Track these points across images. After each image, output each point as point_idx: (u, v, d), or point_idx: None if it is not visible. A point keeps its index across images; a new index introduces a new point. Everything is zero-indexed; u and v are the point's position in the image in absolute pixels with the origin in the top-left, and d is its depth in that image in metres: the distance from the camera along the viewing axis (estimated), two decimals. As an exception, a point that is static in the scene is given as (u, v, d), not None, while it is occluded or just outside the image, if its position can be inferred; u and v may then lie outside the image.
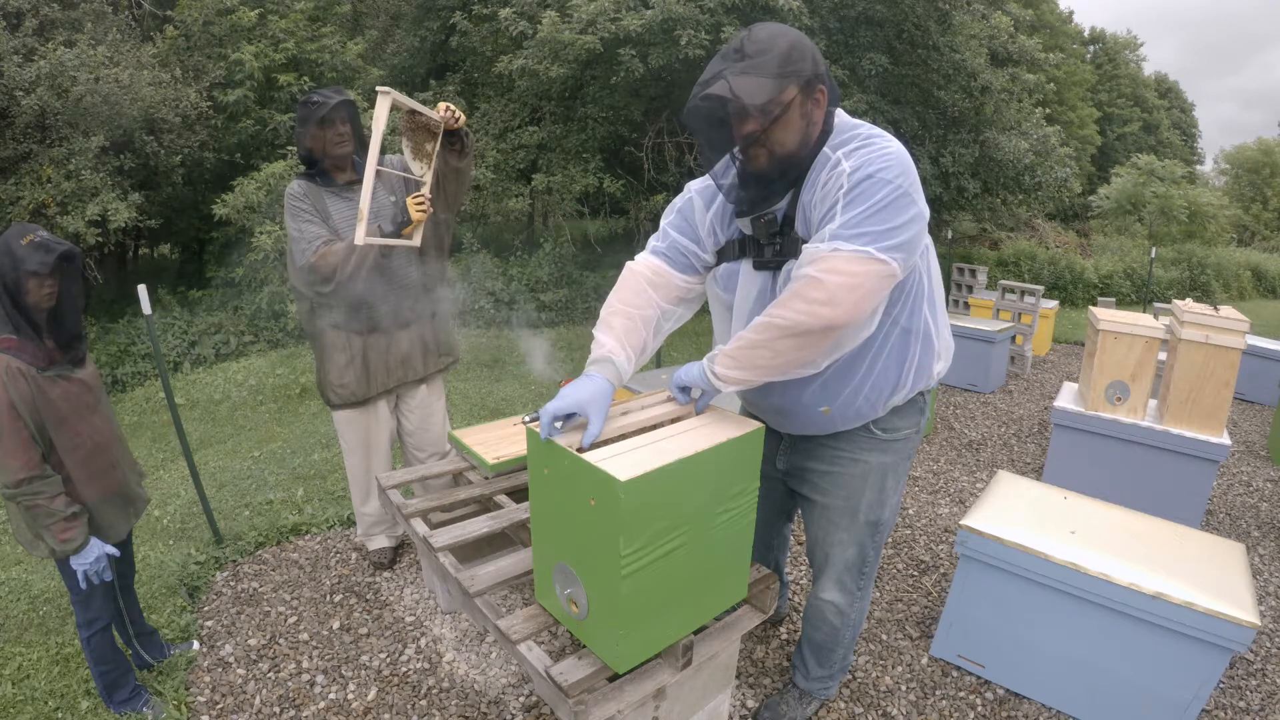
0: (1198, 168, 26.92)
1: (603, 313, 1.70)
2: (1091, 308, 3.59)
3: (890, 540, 3.17)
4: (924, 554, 3.07)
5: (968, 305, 6.76)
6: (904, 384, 1.67)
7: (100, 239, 6.73)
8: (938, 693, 2.27)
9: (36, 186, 6.47)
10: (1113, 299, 8.51)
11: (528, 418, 2.24)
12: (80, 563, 1.85)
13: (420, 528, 2.08)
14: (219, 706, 2.19)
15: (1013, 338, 6.04)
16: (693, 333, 7.82)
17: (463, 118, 2.37)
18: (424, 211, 2.38)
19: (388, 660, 2.38)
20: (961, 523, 2.24)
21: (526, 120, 8.49)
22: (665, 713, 1.71)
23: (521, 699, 2.20)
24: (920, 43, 8.20)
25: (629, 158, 8.72)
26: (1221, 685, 2.32)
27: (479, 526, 2.06)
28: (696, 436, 1.53)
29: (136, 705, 2.10)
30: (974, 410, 5.14)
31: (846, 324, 1.38)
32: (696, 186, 1.74)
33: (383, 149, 2.29)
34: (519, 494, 2.35)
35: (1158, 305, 6.38)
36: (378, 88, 2.08)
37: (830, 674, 2.10)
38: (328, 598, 2.72)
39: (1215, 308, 3.20)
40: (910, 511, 3.48)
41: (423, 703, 2.20)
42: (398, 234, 2.42)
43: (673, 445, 1.48)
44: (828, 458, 1.79)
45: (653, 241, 1.80)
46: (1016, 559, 2.14)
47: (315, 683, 2.29)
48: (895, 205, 1.38)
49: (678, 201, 1.77)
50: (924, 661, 2.41)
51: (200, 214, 8.22)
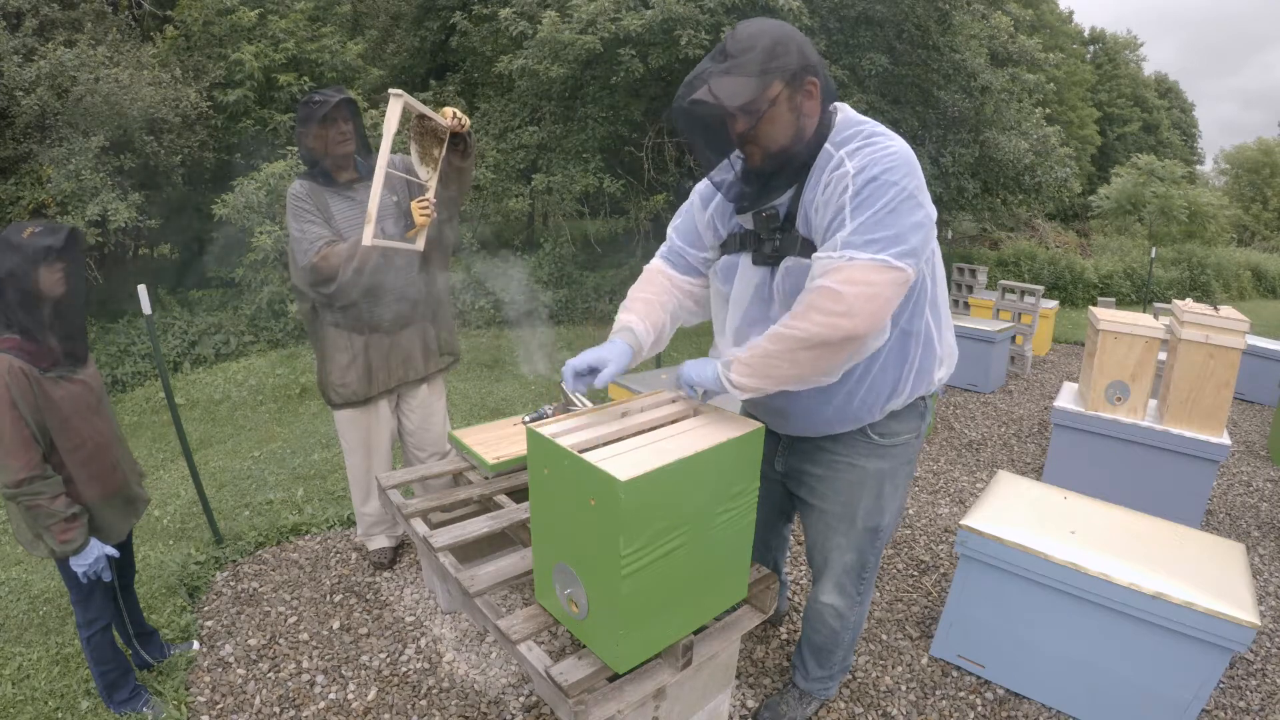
0: (1198, 168, 26.91)
1: (624, 302, 1.78)
2: (1091, 308, 3.59)
3: (890, 540, 3.17)
4: (924, 554, 3.07)
5: (968, 305, 6.76)
6: (902, 388, 1.64)
7: (100, 239, 6.73)
8: (938, 693, 2.27)
9: (36, 186, 6.47)
10: (1113, 299, 8.50)
11: (528, 418, 2.24)
12: (80, 564, 1.85)
13: (420, 528, 2.08)
14: (219, 706, 2.19)
15: (1013, 338, 6.04)
16: (693, 333, 7.82)
17: (467, 122, 2.39)
18: (428, 215, 2.39)
19: (388, 660, 2.38)
20: (961, 523, 2.24)
21: (526, 120, 8.49)
22: (665, 713, 1.71)
23: (521, 699, 2.20)
24: (920, 43, 8.20)
25: (629, 158, 8.71)
26: (1221, 685, 2.32)
27: (479, 526, 2.06)
28: (696, 436, 1.53)
29: (136, 705, 2.10)
30: (974, 410, 5.14)
31: (866, 334, 1.37)
32: (699, 186, 1.76)
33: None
34: (519, 494, 2.35)
35: (1158, 305, 6.38)
36: (390, 91, 2.09)
37: (830, 674, 2.10)
38: (328, 598, 2.72)
39: (1215, 308, 3.20)
40: (910, 511, 3.48)
41: (423, 703, 2.20)
42: (401, 236, 2.43)
43: (673, 445, 1.48)
44: (825, 462, 1.78)
45: (662, 246, 1.86)
46: (1016, 559, 2.14)
47: (315, 683, 2.29)
48: (903, 208, 1.36)
49: (683, 205, 1.81)
50: (924, 661, 2.41)
51: (200, 214, 8.22)
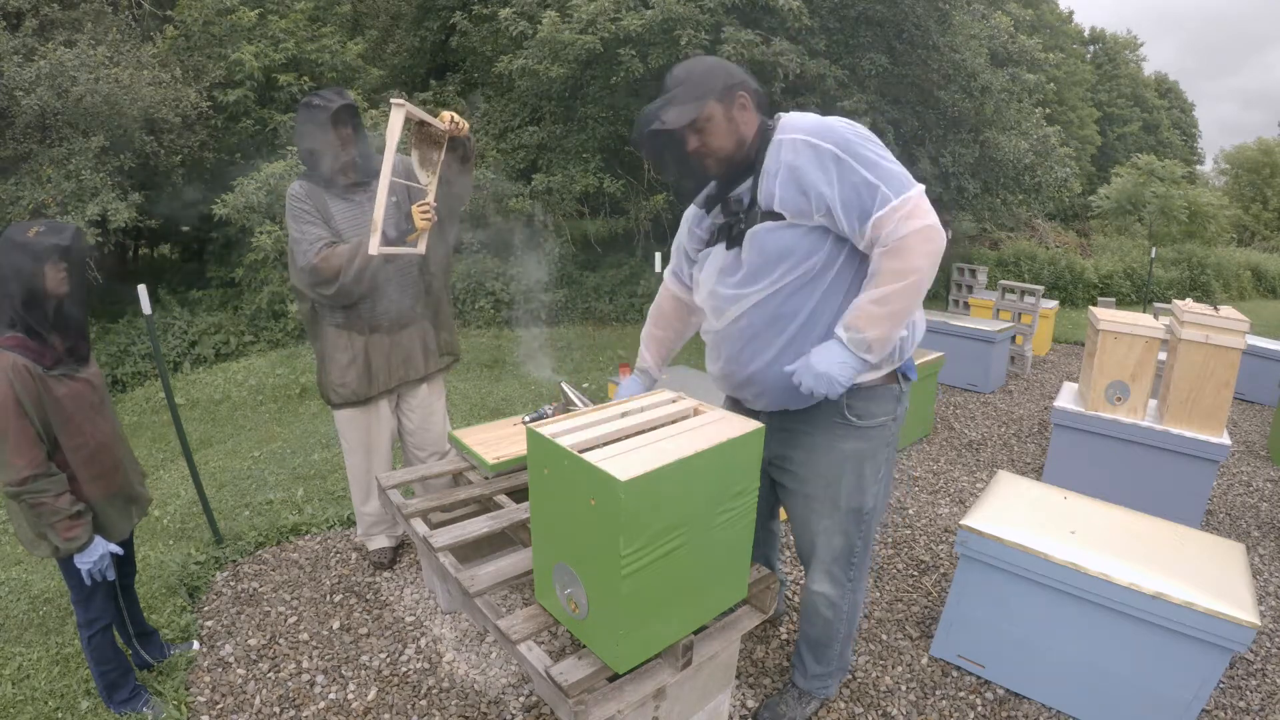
0: (1198, 168, 26.89)
1: (643, 333, 2.18)
2: (1091, 308, 3.59)
3: (890, 540, 3.17)
4: (924, 554, 3.07)
5: (968, 305, 6.76)
6: None
7: (100, 239, 6.73)
8: (938, 693, 2.27)
9: (36, 186, 6.47)
10: (1113, 299, 8.50)
11: (528, 418, 2.24)
12: (84, 561, 1.85)
13: (420, 528, 2.08)
14: (219, 706, 2.19)
15: (1013, 338, 6.04)
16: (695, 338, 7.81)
17: (465, 126, 2.40)
18: (429, 220, 2.40)
19: (388, 660, 2.38)
20: (961, 523, 2.24)
21: (526, 120, 8.49)
22: (665, 713, 1.71)
23: (521, 699, 2.20)
24: (920, 43, 8.20)
25: (629, 158, 8.71)
26: (1221, 685, 2.32)
27: (479, 526, 2.06)
28: (696, 436, 1.53)
29: (136, 705, 2.10)
30: (974, 410, 5.14)
31: (943, 245, 1.60)
32: (690, 210, 1.96)
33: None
34: (519, 494, 2.35)
35: (1158, 305, 6.38)
36: (392, 100, 2.11)
37: (829, 672, 2.10)
38: (328, 598, 2.72)
39: (1215, 308, 3.20)
40: (910, 511, 3.48)
41: (423, 703, 2.20)
42: (402, 240, 2.44)
43: (673, 445, 1.48)
44: (805, 445, 1.85)
45: (669, 266, 2.12)
46: (1016, 559, 2.14)
47: (315, 683, 2.29)
48: (880, 146, 1.62)
49: (678, 235, 2.03)
50: (924, 661, 2.41)
51: (200, 214, 8.22)
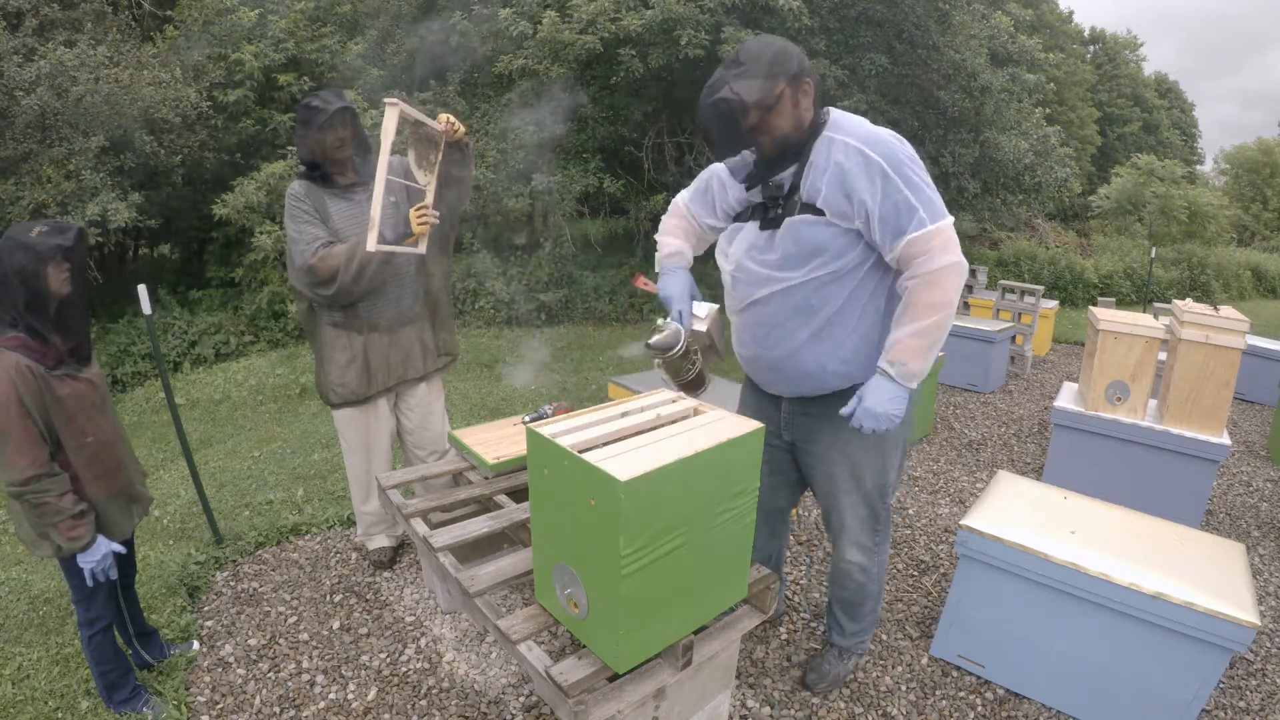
0: (1198, 168, 26.90)
1: (661, 225, 2.10)
2: (1091, 308, 3.59)
3: (890, 540, 3.17)
4: (924, 554, 3.07)
5: (968, 305, 6.75)
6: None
7: (100, 239, 6.73)
8: (938, 693, 2.27)
9: (36, 186, 6.47)
10: (1113, 299, 8.49)
11: (528, 418, 2.25)
12: (88, 560, 1.85)
13: (420, 528, 2.09)
14: (219, 706, 2.19)
15: (1013, 338, 6.04)
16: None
17: (462, 129, 2.42)
18: (426, 224, 2.41)
19: (388, 660, 2.38)
20: (961, 523, 2.24)
21: (527, 120, 8.48)
22: (665, 713, 1.71)
23: (521, 699, 2.20)
24: (920, 43, 8.20)
25: (629, 158, 8.71)
26: (1221, 685, 2.32)
27: (479, 526, 2.06)
28: (696, 436, 1.54)
29: (136, 705, 2.10)
30: (974, 410, 5.14)
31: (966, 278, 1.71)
32: (718, 168, 1.97)
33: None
34: (519, 494, 2.35)
35: (1158, 305, 6.37)
36: (385, 100, 2.12)
37: (863, 628, 2.22)
38: (328, 598, 2.72)
39: (1215, 308, 3.20)
40: (910, 511, 3.48)
41: (423, 703, 2.20)
42: (400, 241, 2.44)
43: (673, 445, 1.49)
44: (829, 428, 1.93)
45: (681, 196, 2.10)
46: (1016, 559, 2.14)
47: (315, 683, 2.29)
48: (924, 171, 1.69)
49: (700, 178, 2.04)
50: (924, 661, 2.41)
51: (200, 214, 8.22)
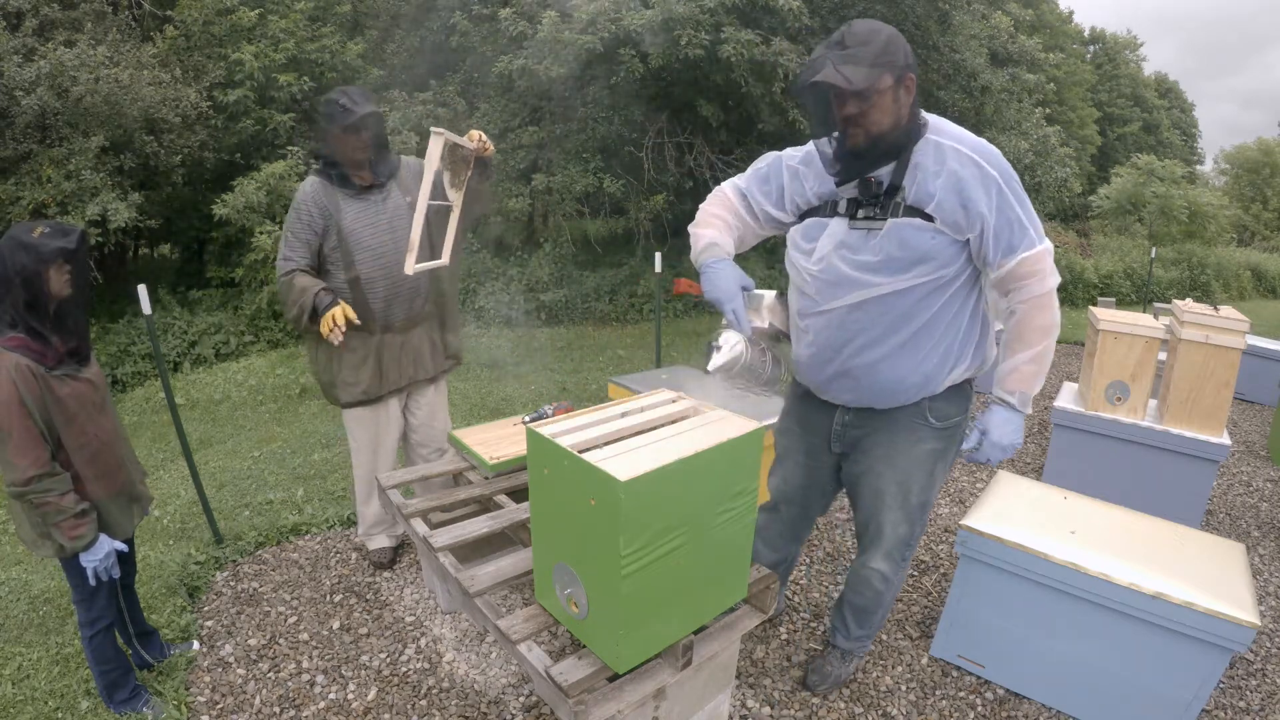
0: (1198, 168, 26.90)
1: (700, 218, 1.92)
2: (1091, 308, 3.59)
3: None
4: (924, 554, 3.07)
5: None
6: (963, 360, 1.81)
7: (100, 239, 6.73)
8: (938, 693, 2.27)
9: (36, 186, 6.47)
10: (1113, 299, 8.48)
11: (528, 418, 2.24)
12: (90, 559, 1.85)
13: (420, 528, 2.08)
14: (219, 706, 2.19)
15: (1013, 338, 6.02)
16: (693, 333, 7.82)
17: (491, 147, 2.44)
18: (329, 336, 2.36)
19: (388, 660, 2.38)
20: (961, 523, 2.24)
21: (526, 120, 8.49)
22: (665, 713, 1.71)
23: (521, 699, 2.20)
24: (920, 43, 8.21)
25: (629, 158, 8.71)
26: (1221, 685, 2.32)
27: (479, 526, 2.06)
28: (696, 436, 1.53)
29: (136, 705, 2.10)
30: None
31: None
32: (799, 157, 1.85)
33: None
34: (519, 494, 2.35)
35: (1158, 305, 6.36)
36: (432, 129, 2.17)
37: (868, 633, 2.21)
38: (328, 598, 2.72)
39: (1215, 308, 3.20)
40: (910, 511, 3.48)
41: (423, 703, 2.20)
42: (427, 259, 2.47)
43: (673, 445, 1.48)
44: (885, 442, 1.89)
45: (732, 184, 1.96)
46: (1016, 559, 2.14)
47: (315, 683, 2.29)
48: (1028, 197, 1.66)
49: (765, 165, 1.91)
50: (924, 661, 2.41)
51: (200, 214, 8.22)
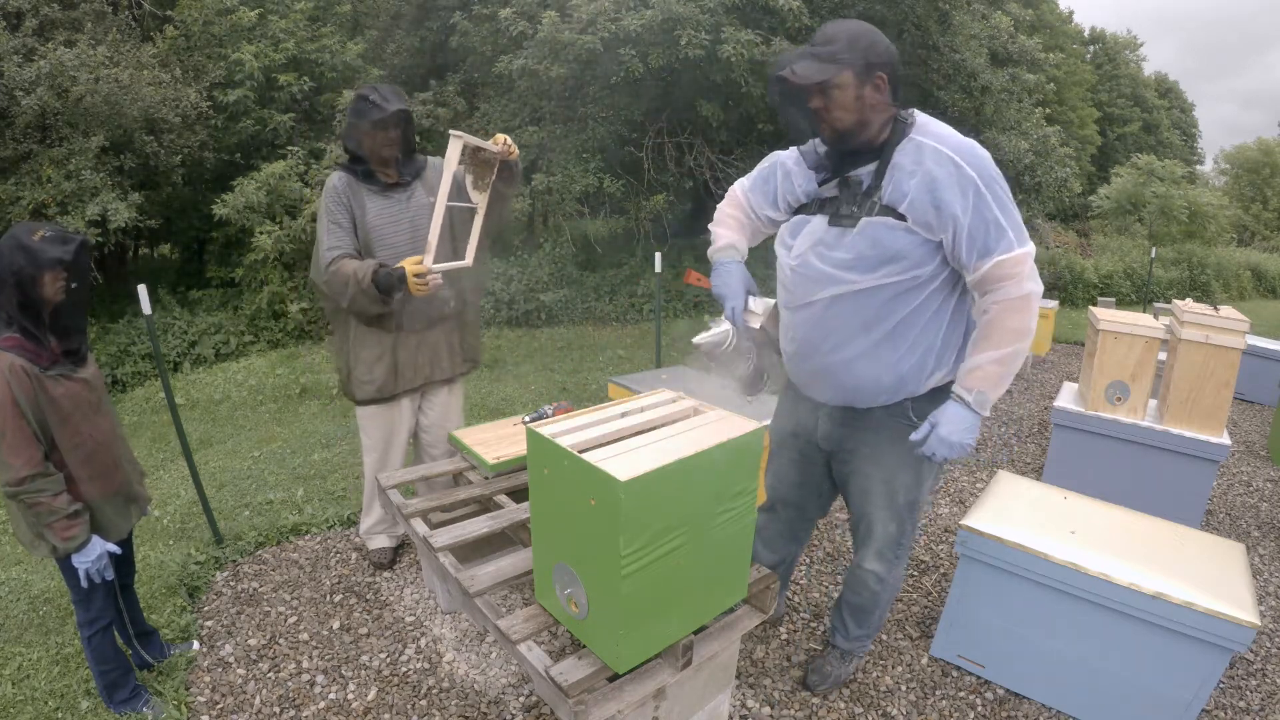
0: (1198, 168, 26.91)
1: (716, 216, 2.02)
2: (1091, 308, 3.59)
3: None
4: (924, 554, 3.07)
5: (968, 305, 6.74)
6: (945, 362, 1.79)
7: (100, 239, 6.74)
8: (938, 693, 2.27)
9: (36, 186, 6.47)
10: (1113, 299, 8.50)
11: (528, 418, 2.24)
12: (82, 561, 1.85)
13: (420, 528, 2.08)
14: (219, 706, 2.19)
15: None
16: (693, 333, 7.80)
17: (515, 150, 2.43)
18: (422, 292, 2.35)
19: (388, 660, 2.38)
20: (961, 523, 2.24)
21: (526, 120, 8.49)
22: (665, 713, 1.71)
23: (521, 699, 2.20)
24: (920, 43, 8.21)
25: (629, 158, 8.71)
26: (1221, 685, 2.32)
27: (479, 526, 2.06)
28: (696, 436, 1.53)
29: (136, 705, 2.10)
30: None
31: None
32: (795, 156, 1.89)
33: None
34: (519, 494, 2.35)
35: (1158, 305, 6.38)
36: (451, 132, 2.19)
37: (867, 633, 2.21)
38: (328, 598, 2.72)
39: (1215, 308, 3.20)
40: (910, 511, 3.47)
41: (423, 703, 2.20)
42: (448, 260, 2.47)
43: (673, 445, 1.48)
44: (869, 441, 1.90)
45: (740, 184, 2.02)
46: (1016, 559, 2.14)
47: (315, 683, 2.29)
48: (1009, 190, 1.64)
49: (761, 168, 1.96)
50: (924, 661, 2.41)
51: (200, 214, 8.23)
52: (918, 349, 1.75)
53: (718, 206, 2.02)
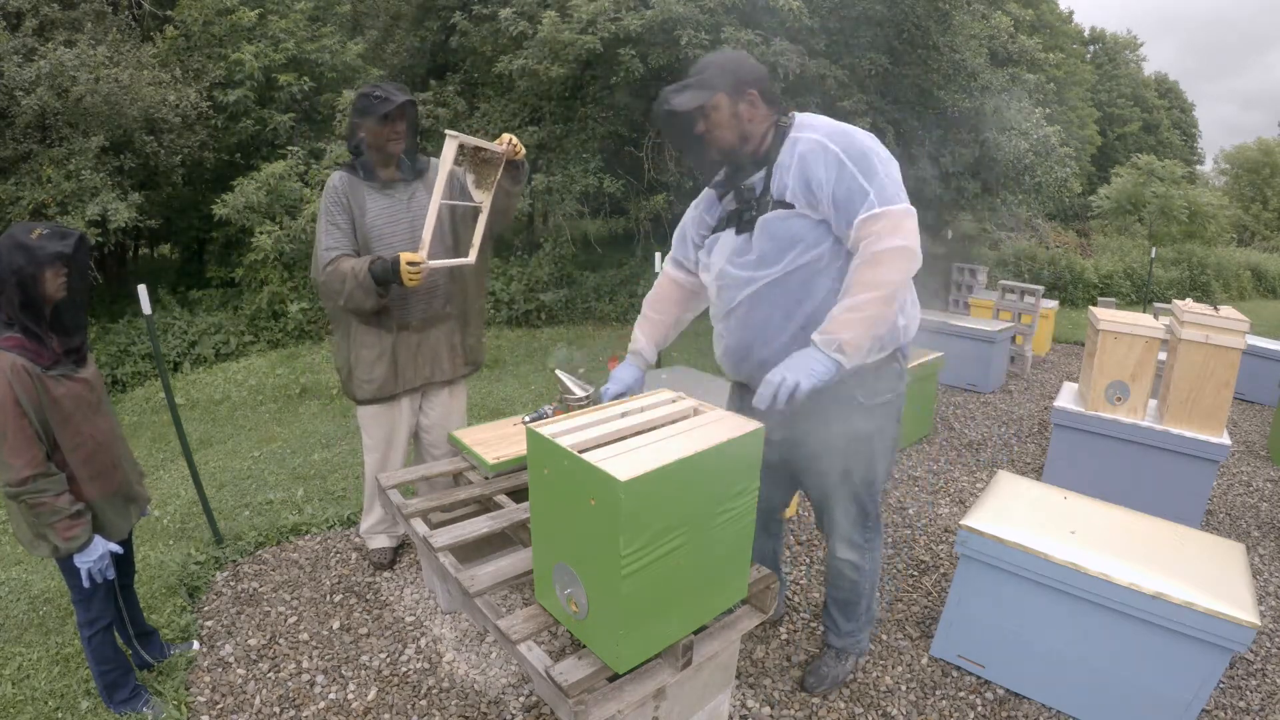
0: (1198, 168, 26.89)
1: (639, 318, 2.24)
2: (1091, 308, 3.59)
3: (890, 540, 3.17)
4: (924, 554, 3.07)
5: (968, 305, 6.76)
6: None
7: (100, 239, 6.74)
8: (938, 693, 2.27)
9: (36, 186, 6.47)
10: (1113, 299, 8.50)
11: (528, 418, 2.25)
12: (84, 560, 1.85)
13: (420, 528, 2.08)
14: (219, 706, 2.19)
15: (1013, 338, 6.03)
16: (691, 333, 7.81)
17: (521, 149, 2.44)
18: (414, 281, 2.34)
19: (388, 660, 2.38)
20: (961, 523, 2.24)
21: (526, 120, 8.48)
22: (665, 713, 1.71)
23: (521, 699, 2.20)
24: (920, 43, 8.19)
25: (629, 158, 8.71)
26: (1221, 685, 2.32)
27: (479, 526, 2.06)
28: (696, 436, 1.53)
29: (136, 705, 2.10)
30: (974, 410, 5.13)
31: (918, 264, 1.70)
32: (699, 198, 2.05)
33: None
34: (519, 494, 2.35)
35: (1158, 305, 6.37)
36: (447, 132, 2.22)
37: (859, 627, 2.23)
38: (328, 598, 2.72)
39: (1215, 308, 3.20)
40: (910, 511, 3.48)
41: (423, 703, 2.20)
42: (447, 256, 2.49)
43: (673, 445, 1.48)
44: (818, 426, 1.93)
45: (671, 254, 2.21)
46: (1016, 559, 2.14)
47: (315, 683, 2.29)
48: (890, 167, 1.72)
49: (682, 224, 2.13)
50: (924, 661, 2.41)
51: (200, 214, 8.23)
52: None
53: (645, 298, 2.22)
